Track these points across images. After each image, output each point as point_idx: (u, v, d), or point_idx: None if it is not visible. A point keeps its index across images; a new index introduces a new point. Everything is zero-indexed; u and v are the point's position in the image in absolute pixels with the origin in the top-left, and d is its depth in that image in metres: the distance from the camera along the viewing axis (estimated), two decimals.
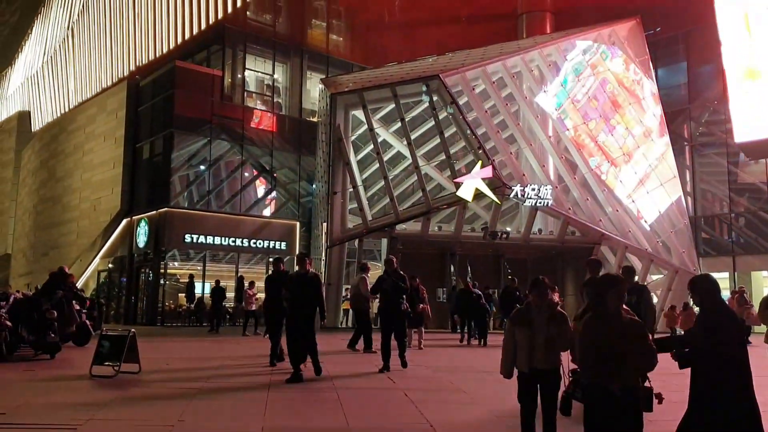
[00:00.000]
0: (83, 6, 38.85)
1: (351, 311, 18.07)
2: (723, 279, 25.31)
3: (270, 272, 13.08)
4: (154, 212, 25.95)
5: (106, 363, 9.11)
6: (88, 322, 13.75)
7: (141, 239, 26.46)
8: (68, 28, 40.96)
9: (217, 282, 21.51)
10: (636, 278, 9.10)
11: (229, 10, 26.93)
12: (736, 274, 25.67)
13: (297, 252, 27.51)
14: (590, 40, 25.68)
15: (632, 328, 4.18)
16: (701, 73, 27.29)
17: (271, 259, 25.98)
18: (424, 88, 22.08)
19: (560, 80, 24.76)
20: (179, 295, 26.26)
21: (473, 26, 28.32)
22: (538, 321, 4.95)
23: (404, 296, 10.30)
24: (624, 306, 4.41)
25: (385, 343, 9.95)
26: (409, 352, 11.14)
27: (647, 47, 26.96)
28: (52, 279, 12.58)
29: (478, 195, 20.87)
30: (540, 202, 21.63)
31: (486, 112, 23.24)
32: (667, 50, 28.16)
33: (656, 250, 23.84)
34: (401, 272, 10.41)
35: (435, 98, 22.11)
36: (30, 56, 49.29)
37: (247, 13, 27.43)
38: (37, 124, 44.95)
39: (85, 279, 28.99)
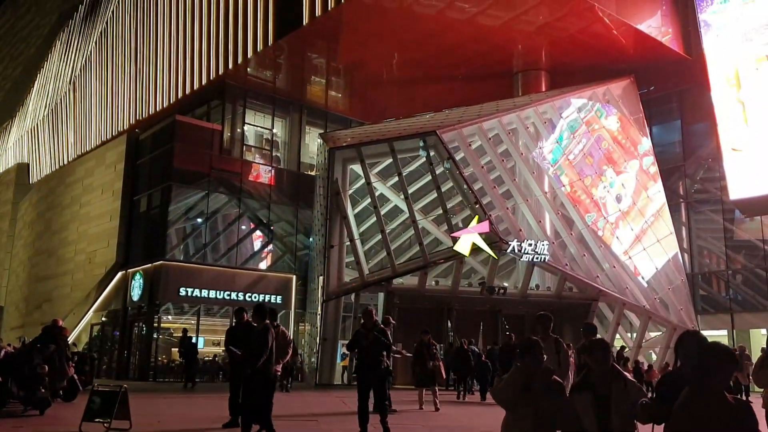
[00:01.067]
0: (86, 60, 39.46)
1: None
2: (722, 337, 25.13)
3: (233, 323, 12.32)
4: (150, 265, 25.83)
5: (97, 419, 8.91)
6: (76, 376, 13.52)
7: (135, 292, 26.27)
8: (70, 82, 41.53)
9: (185, 332, 20.95)
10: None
11: (230, 66, 27.36)
12: (734, 331, 25.49)
13: (293, 306, 27.32)
14: (585, 98, 26.08)
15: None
16: (695, 131, 27.67)
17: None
18: (422, 144, 22.28)
19: (556, 137, 25.05)
20: (172, 349, 25.92)
21: (469, 84, 28.78)
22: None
23: (385, 353, 9.02)
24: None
25: (361, 406, 8.69)
26: (416, 413, 10.48)
27: (641, 105, 27.38)
28: (45, 332, 12.37)
29: (475, 250, 20.84)
30: (537, 258, 21.59)
31: (482, 167, 23.41)
32: (661, 108, 28.61)
33: (654, 307, 23.71)
34: (382, 326, 9.41)
35: (432, 153, 22.30)
36: (31, 109, 49.82)
37: (248, 69, 27.88)
38: (35, 176, 45.11)
39: (78, 332, 28.66)
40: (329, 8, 23.34)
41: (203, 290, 25.51)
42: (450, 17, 23.85)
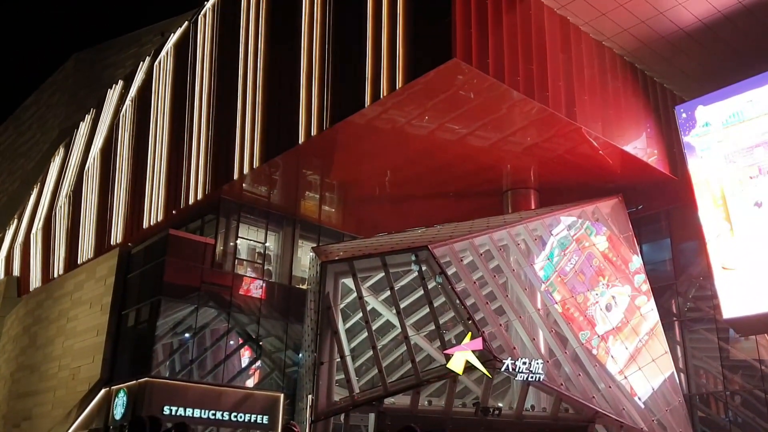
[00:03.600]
0: (85, 175, 40.10)
1: None
2: None
3: None
4: (134, 382, 25.13)
5: None
6: None
7: (118, 411, 25.38)
8: (66, 196, 42.00)
9: None
10: None
11: (227, 182, 27.83)
12: None
13: (280, 428, 26.35)
14: (575, 216, 26.47)
15: None
16: (685, 249, 27.89)
17: None
18: (414, 258, 22.35)
19: (546, 254, 25.20)
20: None
21: (460, 201, 29.30)
22: None
23: None
24: None
25: None
26: None
27: (630, 224, 27.74)
28: None
29: (469, 368, 20.42)
30: (532, 377, 21.15)
31: (474, 283, 23.36)
32: (650, 227, 28.97)
33: (652, 429, 22.99)
34: None
35: (424, 268, 22.32)
36: (25, 223, 50.08)
37: (243, 185, 28.34)
38: (24, 290, 44.67)
39: None
40: (324, 128, 24.07)
41: (188, 409, 24.67)
42: (441, 137, 24.59)
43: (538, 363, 21.32)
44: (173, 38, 34.60)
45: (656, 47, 25.16)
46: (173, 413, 24.35)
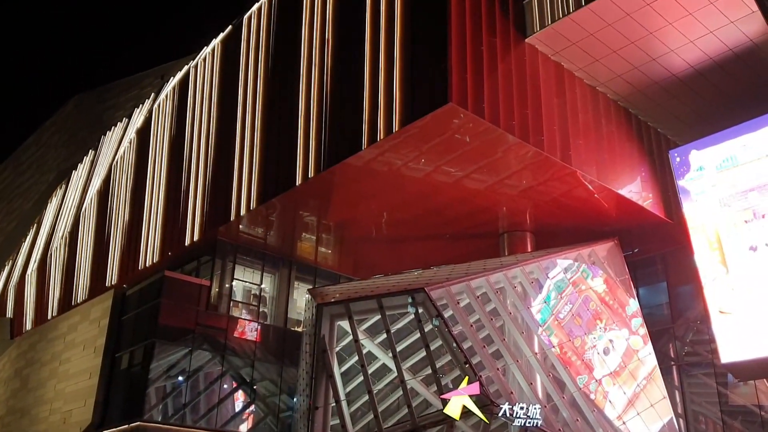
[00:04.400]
0: (81, 216, 40.13)
1: None
2: None
3: None
4: (126, 426, 24.79)
5: None
6: None
7: None
8: (62, 237, 41.96)
9: None
10: None
11: (223, 224, 27.87)
12: None
13: None
14: (571, 259, 26.47)
15: None
16: (682, 293, 27.85)
17: None
18: (410, 300, 22.26)
19: (543, 297, 25.12)
20: None
21: (457, 242, 29.34)
22: None
23: None
24: None
25: None
26: None
27: (627, 267, 27.74)
28: None
29: (466, 413, 20.17)
30: (529, 422, 20.86)
31: (471, 326, 23.21)
32: (647, 270, 28.97)
33: None
34: None
35: (421, 311, 22.21)
36: (20, 264, 49.88)
37: (240, 226, 28.38)
38: (17, 332, 44.25)
39: None
40: (322, 170, 24.23)
41: None
42: (437, 180, 24.75)
43: (535, 408, 21.07)
44: (173, 81, 35.04)
45: (649, 92, 25.52)
46: None
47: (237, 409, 27.90)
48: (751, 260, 23.41)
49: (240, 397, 28.10)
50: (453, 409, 20.14)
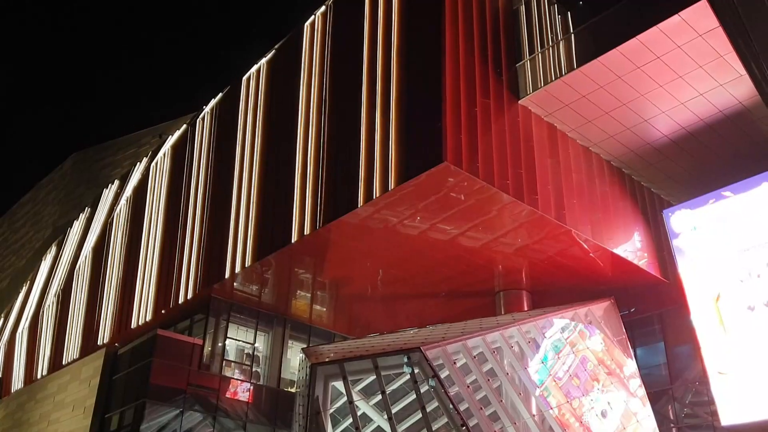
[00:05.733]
0: (75, 273, 39.89)
1: None
2: None
3: None
4: None
5: None
6: None
7: None
8: (55, 295, 41.61)
9: None
10: None
11: (218, 281, 27.72)
12: None
13: None
14: (567, 318, 26.28)
15: None
16: (679, 353, 27.58)
17: None
18: (406, 360, 21.94)
19: (540, 357, 24.84)
20: None
21: (453, 301, 29.19)
22: None
23: None
24: None
25: None
26: None
27: (623, 327, 27.52)
28: None
29: None
30: None
31: (468, 387, 22.85)
32: (644, 330, 28.74)
33: None
34: None
35: (417, 371, 21.88)
36: (11, 321, 49.32)
37: (234, 284, 28.23)
38: (6, 392, 43.41)
39: None
40: (317, 228, 24.27)
41: None
42: (432, 237, 24.78)
43: None
44: (171, 140, 35.40)
45: (642, 153, 25.84)
46: None
47: None
48: (750, 320, 23.28)
49: None
50: None
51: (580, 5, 23.85)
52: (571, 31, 23.52)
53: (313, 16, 28.19)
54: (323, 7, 27.84)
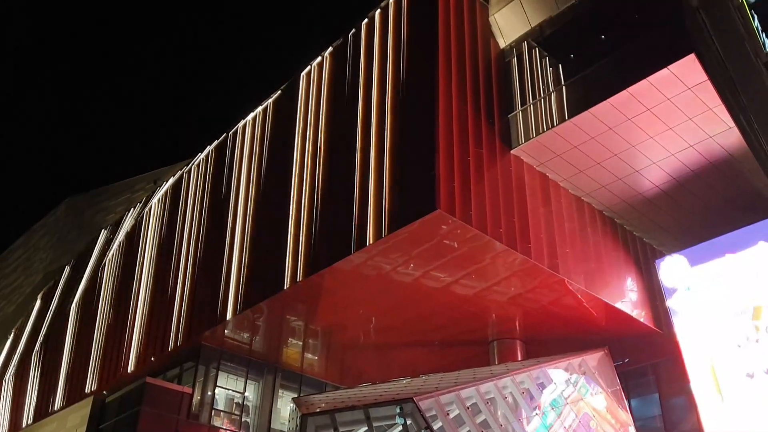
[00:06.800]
0: (64, 319, 39.46)
1: None
2: None
3: None
4: None
5: None
6: None
7: None
8: (43, 342, 41.07)
9: None
10: None
11: (209, 329, 27.46)
12: None
13: None
14: (561, 368, 26.01)
15: None
16: (674, 405, 27.27)
17: None
18: (398, 411, 21.64)
19: (540, 413, 24.44)
20: None
21: (446, 350, 28.95)
22: None
23: None
24: None
25: None
26: None
27: (618, 377, 27.26)
28: None
29: None
30: None
31: None
32: (638, 381, 28.47)
33: None
34: None
35: (409, 422, 21.55)
36: None
37: (225, 331, 27.96)
38: None
39: None
40: (310, 274, 24.18)
41: None
42: (426, 285, 24.71)
43: None
44: (166, 185, 35.50)
45: (633, 203, 26.03)
46: None
47: None
48: (749, 388, 22.64)
49: None
50: None
51: (571, 58, 24.28)
52: (563, 83, 23.94)
53: (309, 66, 28.66)
54: (319, 57, 28.33)
